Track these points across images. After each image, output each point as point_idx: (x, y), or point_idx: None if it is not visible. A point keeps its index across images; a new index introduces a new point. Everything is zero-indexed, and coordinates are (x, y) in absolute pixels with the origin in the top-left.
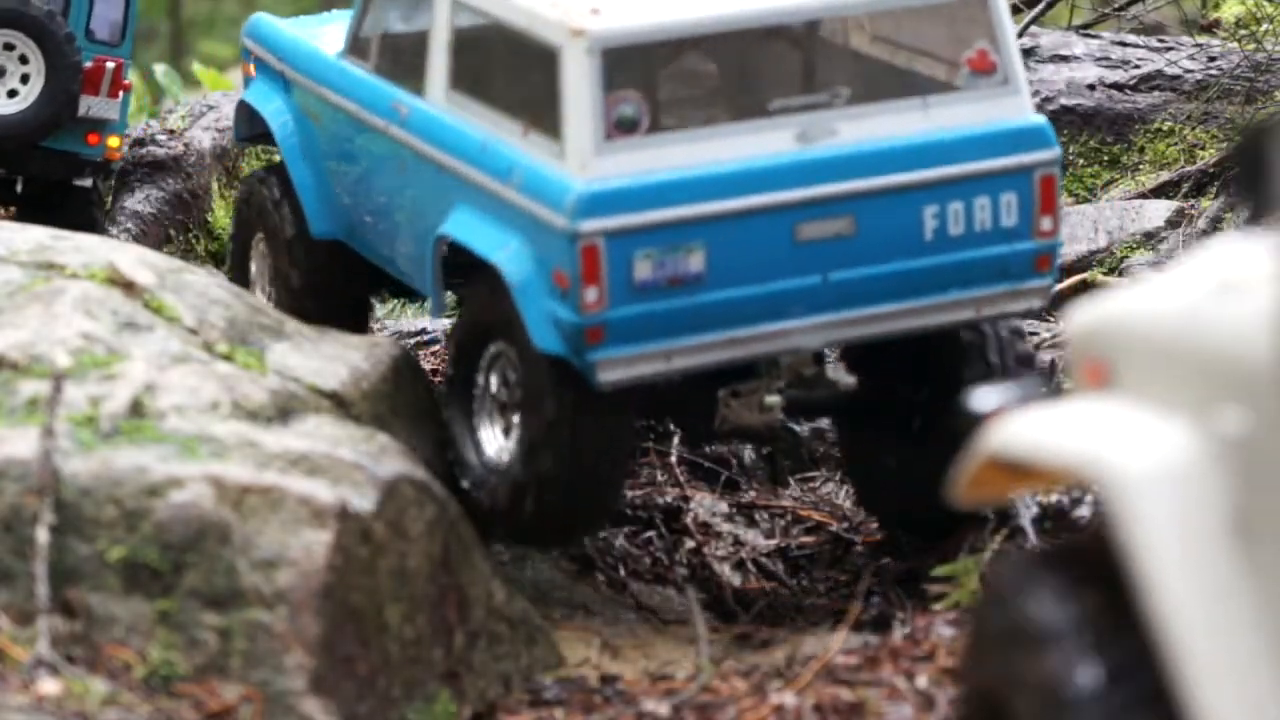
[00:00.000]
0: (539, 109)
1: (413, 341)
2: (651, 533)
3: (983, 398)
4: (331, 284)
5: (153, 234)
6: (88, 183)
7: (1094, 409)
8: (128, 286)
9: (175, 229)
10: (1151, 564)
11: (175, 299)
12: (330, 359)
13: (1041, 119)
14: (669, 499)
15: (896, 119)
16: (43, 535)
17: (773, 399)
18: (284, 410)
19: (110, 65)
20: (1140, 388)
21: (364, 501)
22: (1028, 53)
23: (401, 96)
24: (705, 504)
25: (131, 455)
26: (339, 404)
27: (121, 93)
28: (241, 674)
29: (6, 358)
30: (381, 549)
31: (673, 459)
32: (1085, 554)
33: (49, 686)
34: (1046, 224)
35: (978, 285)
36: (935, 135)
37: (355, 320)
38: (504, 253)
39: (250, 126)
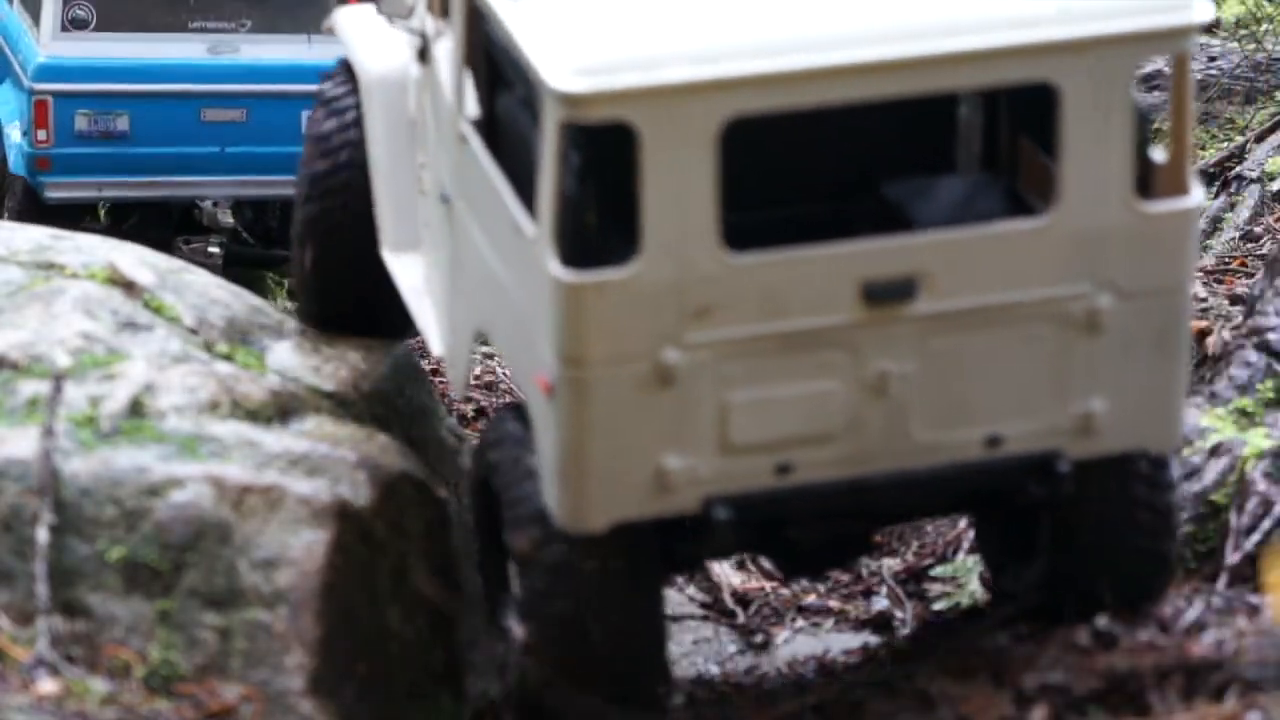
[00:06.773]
0: (34, 9)
1: None
2: None
3: None
4: None
5: None
6: None
7: (390, 30)
8: (128, 286)
9: None
10: (372, 127)
11: (175, 299)
12: (330, 359)
13: None
14: None
15: (286, 47)
16: (43, 535)
17: (214, 249)
18: (284, 410)
19: None
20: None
21: (364, 501)
22: None
23: None
24: None
25: (131, 455)
26: (339, 404)
27: None
28: (241, 674)
29: (6, 358)
30: (382, 548)
31: None
32: None
33: (49, 686)
34: None
35: None
36: (314, 63)
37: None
38: (5, 107)
39: None
